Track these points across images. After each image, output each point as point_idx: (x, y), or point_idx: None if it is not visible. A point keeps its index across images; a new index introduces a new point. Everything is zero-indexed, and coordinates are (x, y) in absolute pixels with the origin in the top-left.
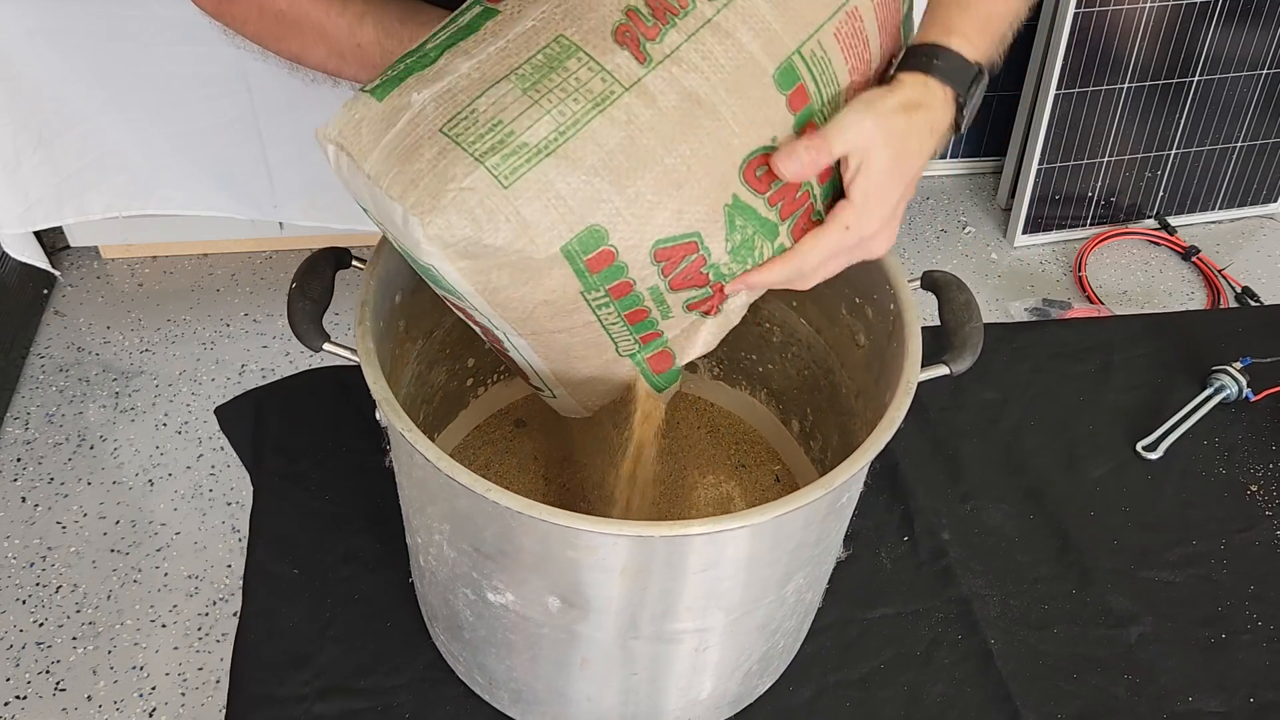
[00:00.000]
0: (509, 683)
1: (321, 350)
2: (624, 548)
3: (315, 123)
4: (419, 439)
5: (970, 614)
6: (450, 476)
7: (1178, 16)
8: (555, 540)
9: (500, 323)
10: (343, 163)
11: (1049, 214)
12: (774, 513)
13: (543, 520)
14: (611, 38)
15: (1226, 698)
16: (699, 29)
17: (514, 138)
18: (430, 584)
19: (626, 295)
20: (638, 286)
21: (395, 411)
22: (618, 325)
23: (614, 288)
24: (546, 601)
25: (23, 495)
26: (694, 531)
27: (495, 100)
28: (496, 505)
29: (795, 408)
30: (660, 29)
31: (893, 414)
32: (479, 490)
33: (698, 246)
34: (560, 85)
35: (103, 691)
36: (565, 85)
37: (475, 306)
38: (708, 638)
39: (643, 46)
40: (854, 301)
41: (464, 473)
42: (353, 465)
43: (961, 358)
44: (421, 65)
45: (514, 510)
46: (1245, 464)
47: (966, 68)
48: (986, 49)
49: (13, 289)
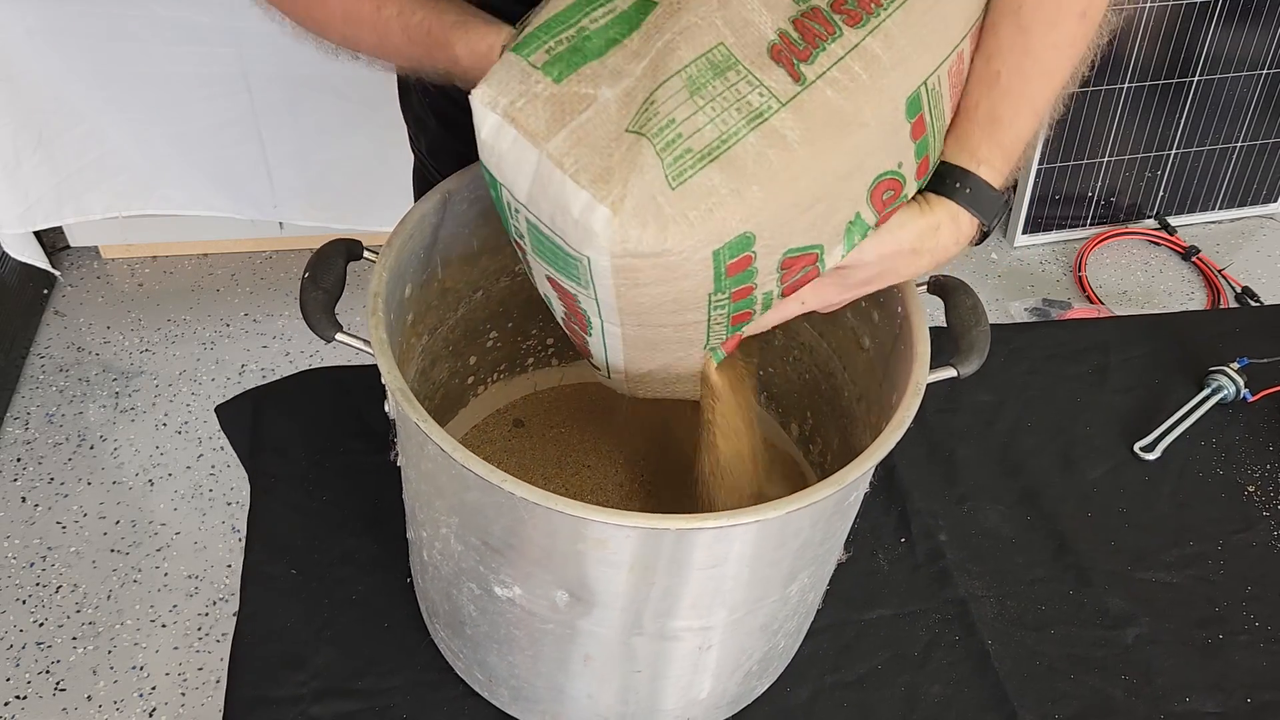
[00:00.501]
0: (509, 680)
1: (334, 340)
2: (634, 540)
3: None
4: (433, 429)
5: (967, 615)
6: (465, 466)
7: (1178, 16)
8: (565, 532)
9: (608, 311)
10: (506, 136)
11: (1049, 214)
12: (784, 509)
13: (556, 511)
14: (768, 54)
15: (1224, 698)
16: (846, 54)
17: (682, 140)
18: (433, 580)
19: (745, 298)
20: (756, 290)
21: (409, 401)
22: (721, 324)
23: (739, 290)
24: (554, 596)
25: (23, 495)
26: (706, 525)
27: (668, 98)
28: (511, 496)
29: (795, 411)
30: (811, 52)
31: (902, 414)
32: (494, 480)
33: (817, 258)
34: (722, 95)
35: (103, 691)
36: (726, 95)
37: (594, 294)
38: (710, 636)
39: (796, 66)
40: (859, 305)
41: (479, 463)
42: (350, 466)
43: (969, 361)
44: (591, 51)
45: (528, 501)
46: (1243, 465)
47: (995, 199)
48: (1008, 174)
49: (13, 289)
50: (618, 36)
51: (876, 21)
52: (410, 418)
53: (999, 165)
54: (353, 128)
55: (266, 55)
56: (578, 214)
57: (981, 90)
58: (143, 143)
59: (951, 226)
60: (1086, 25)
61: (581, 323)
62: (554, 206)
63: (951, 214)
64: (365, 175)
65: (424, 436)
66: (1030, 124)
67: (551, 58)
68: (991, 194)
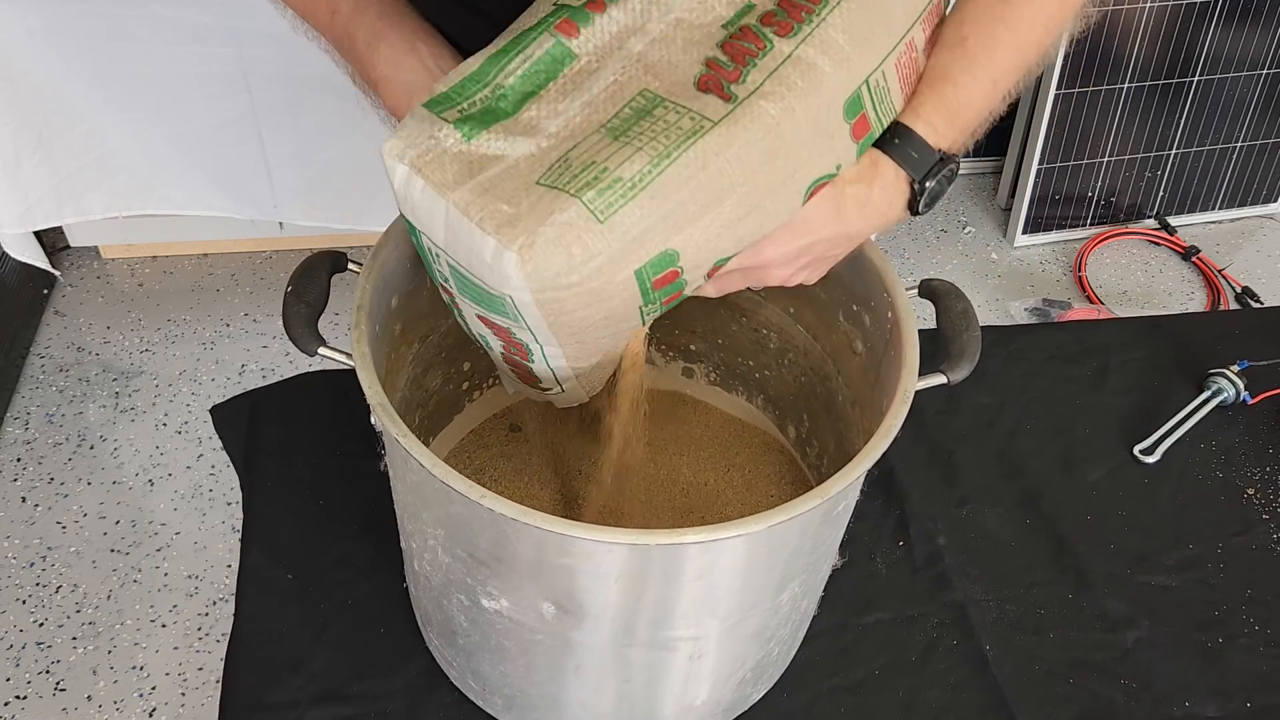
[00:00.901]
0: (503, 688)
1: (317, 354)
2: (619, 556)
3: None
4: (414, 444)
5: (966, 619)
6: (445, 483)
7: (1178, 16)
8: (550, 547)
9: (545, 337)
10: (415, 186)
11: (1049, 214)
12: (768, 522)
13: (538, 527)
14: (695, 87)
15: (1223, 702)
16: (779, 66)
17: (608, 174)
18: (424, 589)
19: (675, 300)
20: (685, 291)
21: (390, 416)
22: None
23: (669, 299)
24: (541, 608)
25: (23, 495)
26: (689, 540)
27: (589, 149)
28: (491, 512)
29: (792, 414)
30: (741, 71)
31: (889, 423)
32: (474, 497)
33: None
34: (650, 128)
35: (103, 691)
36: (655, 127)
37: (525, 325)
38: (702, 645)
39: (726, 88)
40: (851, 309)
41: (459, 479)
42: (347, 469)
43: (959, 367)
44: (503, 111)
45: (509, 517)
46: (1242, 467)
47: (928, 155)
48: (953, 137)
49: (13, 289)
50: (533, 89)
51: (810, 28)
52: (391, 433)
53: (939, 125)
54: (353, 128)
55: (266, 55)
56: (489, 259)
57: (944, 53)
58: (143, 143)
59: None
60: (1066, 9)
61: (522, 352)
62: (468, 253)
63: (871, 159)
64: (365, 175)
65: (405, 452)
66: (985, 92)
67: (463, 116)
68: (925, 150)
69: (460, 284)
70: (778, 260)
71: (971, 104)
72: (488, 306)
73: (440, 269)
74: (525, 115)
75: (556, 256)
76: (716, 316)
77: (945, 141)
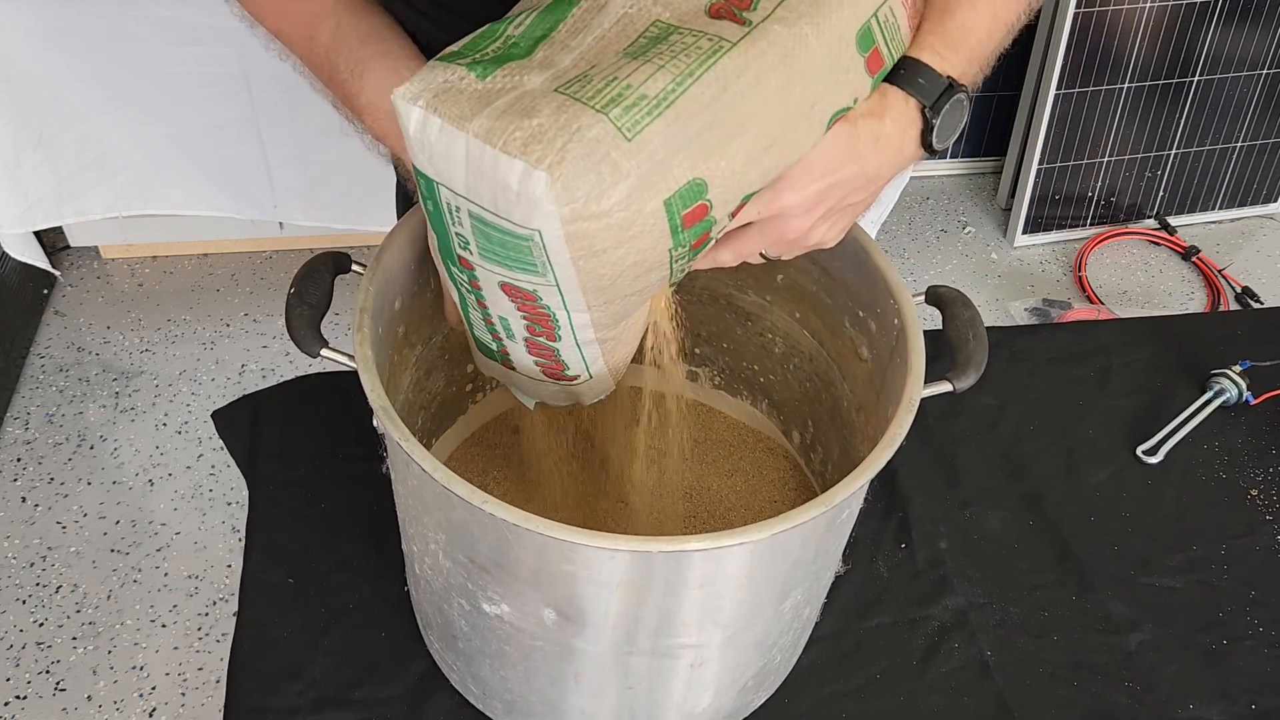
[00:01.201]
0: (503, 693)
1: (319, 356)
2: (621, 563)
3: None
4: (415, 448)
5: (968, 622)
6: (446, 487)
7: (1178, 16)
8: (551, 553)
9: (573, 298)
10: (431, 126)
11: (1049, 214)
12: (771, 530)
13: (540, 533)
14: (706, 14)
15: (1227, 705)
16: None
17: (632, 90)
18: (425, 593)
19: (701, 245)
20: (713, 233)
21: (392, 420)
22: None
23: (696, 242)
24: (542, 614)
25: (23, 495)
26: (691, 548)
27: (608, 68)
28: (493, 517)
29: (796, 419)
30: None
31: (894, 431)
32: (475, 502)
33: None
34: (668, 49)
35: (103, 691)
36: (672, 49)
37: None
38: (704, 653)
39: (739, 14)
40: (857, 315)
41: (460, 484)
42: (349, 472)
43: (965, 374)
44: (517, 55)
45: (510, 523)
46: (1245, 468)
47: (935, 80)
48: (959, 64)
49: (13, 289)
50: (544, 32)
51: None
52: (393, 436)
53: (943, 51)
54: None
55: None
56: (517, 185)
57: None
58: (143, 143)
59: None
60: None
61: (548, 329)
62: (493, 187)
63: (879, 91)
64: (365, 175)
65: (407, 456)
66: (986, 22)
67: (475, 61)
68: (931, 76)
69: (483, 242)
70: (796, 207)
71: (974, 31)
72: (514, 263)
73: (460, 231)
74: (539, 55)
75: (586, 175)
76: (722, 320)
77: (952, 68)
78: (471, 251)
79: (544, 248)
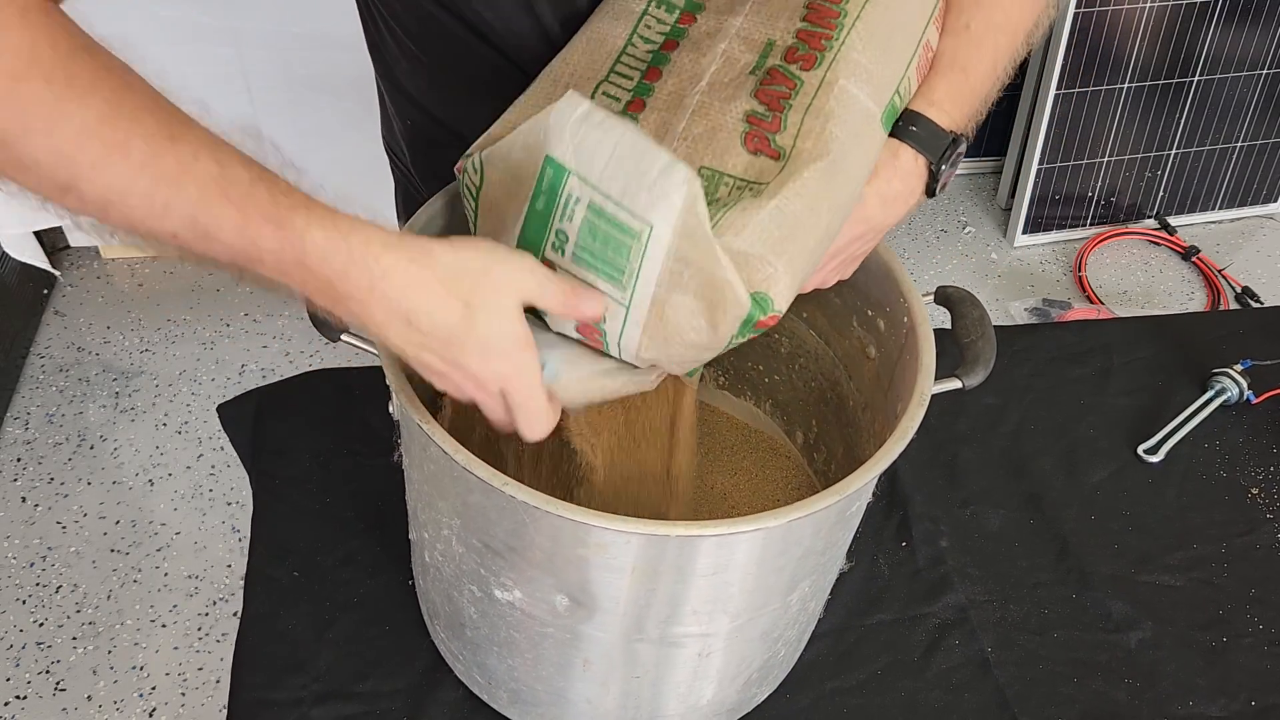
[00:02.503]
0: (509, 682)
1: (339, 340)
2: (635, 546)
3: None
4: (435, 431)
5: (968, 620)
6: (466, 469)
7: (1178, 16)
8: (567, 537)
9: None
10: (595, 117)
11: (1049, 214)
12: (786, 517)
13: (558, 515)
14: (743, 147)
15: (1227, 702)
16: (812, 99)
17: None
18: (434, 580)
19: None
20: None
21: (411, 402)
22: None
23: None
24: (554, 600)
25: (23, 495)
26: (707, 532)
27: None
28: (512, 500)
29: (800, 419)
30: (780, 117)
31: (906, 425)
32: (496, 484)
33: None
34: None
35: (103, 691)
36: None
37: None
38: (711, 643)
39: (772, 143)
40: (866, 314)
41: (481, 466)
42: (353, 467)
43: (974, 372)
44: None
45: (529, 505)
46: (1246, 467)
47: (944, 137)
48: (963, 118)
49: (13, 289)
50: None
51: (831, 54)
52: (414, 419)
53: (949, 109)
54: (353, 128)
55: (266, 55)
56: (656, 174)
57: (950, 41)
58: None
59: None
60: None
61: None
62: (628, 177)
63: (891, 150)
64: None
65: (427, 438)
66: (989, 75)
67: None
68: (940, 134)
69: (585, 239)
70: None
71: (976, 88)
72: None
73: (563, 229)
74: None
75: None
76: None
77: (956, 124)
78: (565, 253)
79: (644, 249)
